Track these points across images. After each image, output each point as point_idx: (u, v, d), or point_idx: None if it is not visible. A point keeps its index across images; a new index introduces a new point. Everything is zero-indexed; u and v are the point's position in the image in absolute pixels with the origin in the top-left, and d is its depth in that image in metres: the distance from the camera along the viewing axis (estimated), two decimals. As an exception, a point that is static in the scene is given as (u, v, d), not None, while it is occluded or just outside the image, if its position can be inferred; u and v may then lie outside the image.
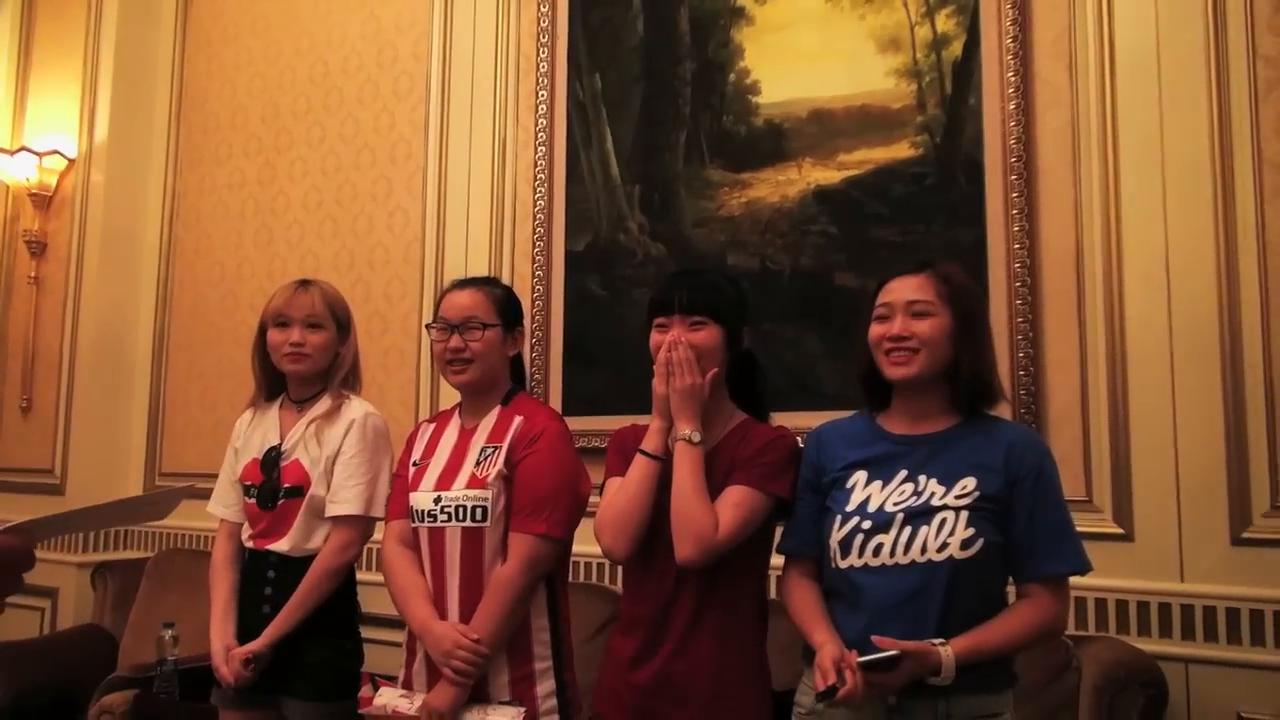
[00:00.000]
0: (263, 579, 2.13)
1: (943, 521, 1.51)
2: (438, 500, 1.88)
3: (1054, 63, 2.37)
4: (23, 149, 3.87)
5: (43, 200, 3.90)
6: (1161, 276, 2.20)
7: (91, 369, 3.80)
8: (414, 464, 1.98)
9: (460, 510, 1.85)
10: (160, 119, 3.99)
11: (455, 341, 1.92)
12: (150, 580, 3.37)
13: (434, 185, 3.27)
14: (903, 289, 1.60)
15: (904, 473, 1.58)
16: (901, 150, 2.51)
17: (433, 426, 2.04)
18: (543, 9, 3.10)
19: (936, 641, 1.45)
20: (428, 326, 2.03)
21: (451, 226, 3.22)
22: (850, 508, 1.58)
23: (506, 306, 1.99)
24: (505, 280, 2.93)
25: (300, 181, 3.61)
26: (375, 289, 3.36)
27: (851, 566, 1.56)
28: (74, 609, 3.59)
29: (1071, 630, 2.15)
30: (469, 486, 1.86)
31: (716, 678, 1.65)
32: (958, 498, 1.52)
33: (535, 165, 3.06)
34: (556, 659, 1.86)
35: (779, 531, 1.74)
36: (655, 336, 1.74)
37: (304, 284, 2.22)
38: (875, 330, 1.62)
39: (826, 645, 1.50)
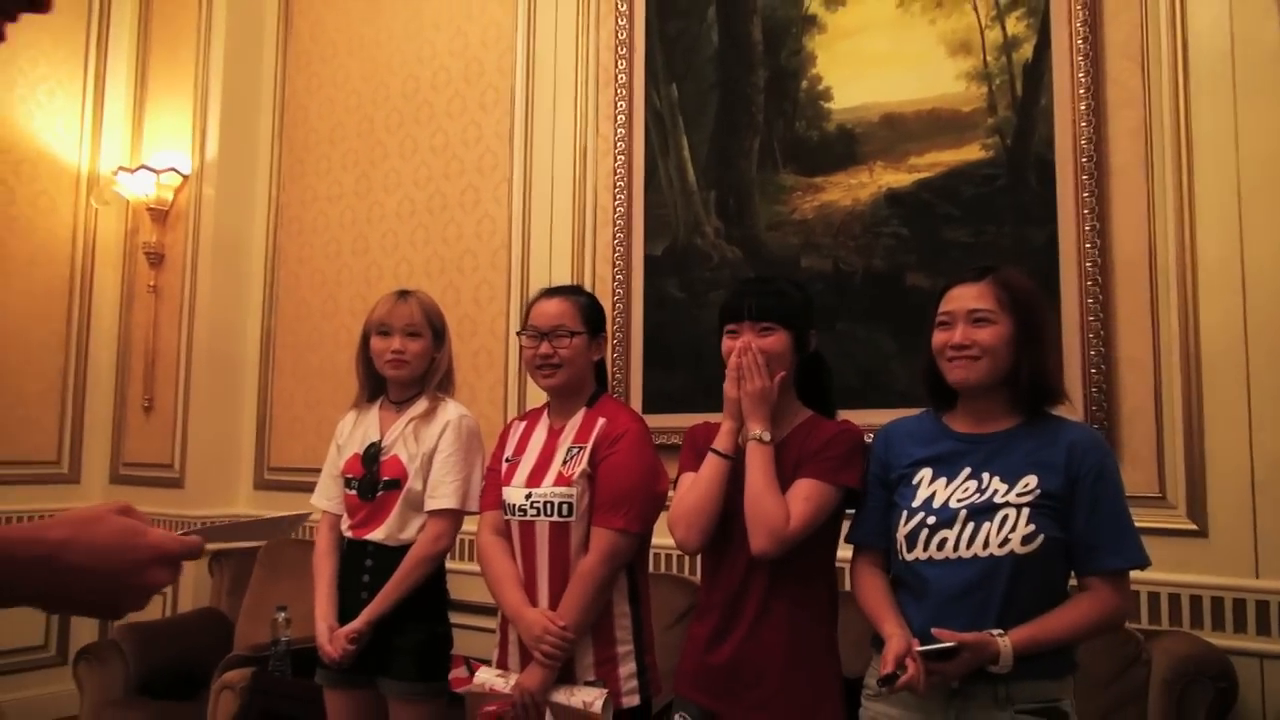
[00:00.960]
0: (361, 567, 2.29)
1: (1004, 518, 1.57)
2: (528, 496, 2.01)
3: (1126, 63, 2.38)
4: (142, 167, 4.15)
5: (160, 214, 4.19)
6: (1237, 275, 2.20)
7: (206, 370, 4.07)
8: (506, 459, 2.12)
9: (549, 506, 1.98)
10: (265, 136, 4.25)
11: (545, 348, 2.05)
12: (262, 567, 3.61)
13: (519, 193, 3.42)
14: (964, 297, 1.66)
15: (968, 470, 1.65)
16: (972, 152, 2.55)
17: (524, 424, 2.18)
18: (620, 22, 3.21)
19: (995, 632, 1.52)
20: (519, 334, 2.17)
21: (536, 233, 3.36)
22: (916, 503, 1.66)
23: (591, 314, 2.12)
24: (587, 284, 3.08)
25: (394, 192, 3.80)
26: (465, 294, 3.53)
27: (917, 559, 1.64)
28: (193, 593, 3.86)
29: (1144, 624, 2.18)
30: (556, 484, 1.99)
31: (786, 662, 1.74)
32: (1019, 495, 1.58)
33: (615, 173, 3.17)
34: (638, 643, 1.98)
35: (846, 524, 1.82)
36: (726, 342, 1.83)
37: (403, 294, 2.38)
38: (938, 337, 1.68)
39: (894, 637, 1.56)
